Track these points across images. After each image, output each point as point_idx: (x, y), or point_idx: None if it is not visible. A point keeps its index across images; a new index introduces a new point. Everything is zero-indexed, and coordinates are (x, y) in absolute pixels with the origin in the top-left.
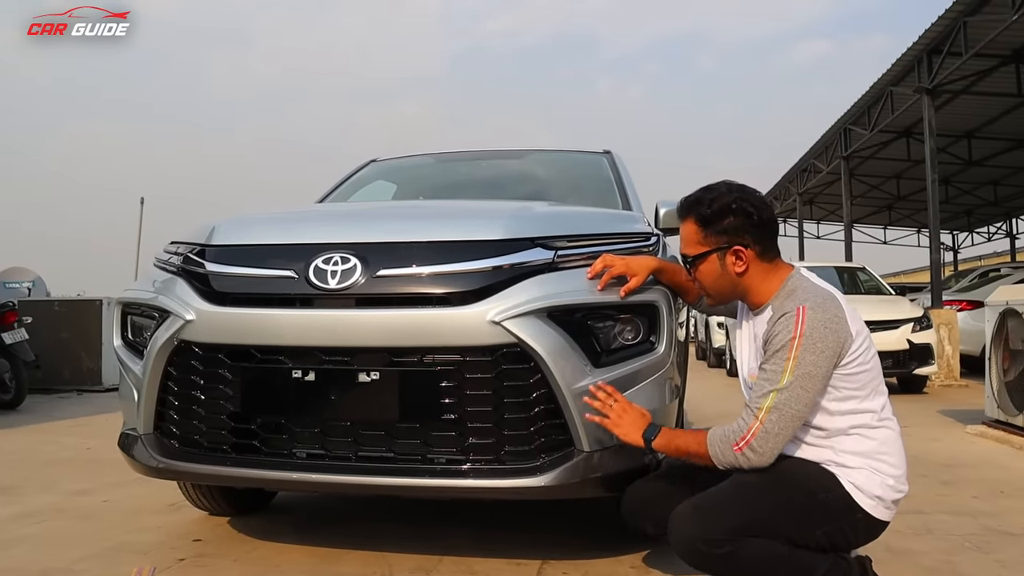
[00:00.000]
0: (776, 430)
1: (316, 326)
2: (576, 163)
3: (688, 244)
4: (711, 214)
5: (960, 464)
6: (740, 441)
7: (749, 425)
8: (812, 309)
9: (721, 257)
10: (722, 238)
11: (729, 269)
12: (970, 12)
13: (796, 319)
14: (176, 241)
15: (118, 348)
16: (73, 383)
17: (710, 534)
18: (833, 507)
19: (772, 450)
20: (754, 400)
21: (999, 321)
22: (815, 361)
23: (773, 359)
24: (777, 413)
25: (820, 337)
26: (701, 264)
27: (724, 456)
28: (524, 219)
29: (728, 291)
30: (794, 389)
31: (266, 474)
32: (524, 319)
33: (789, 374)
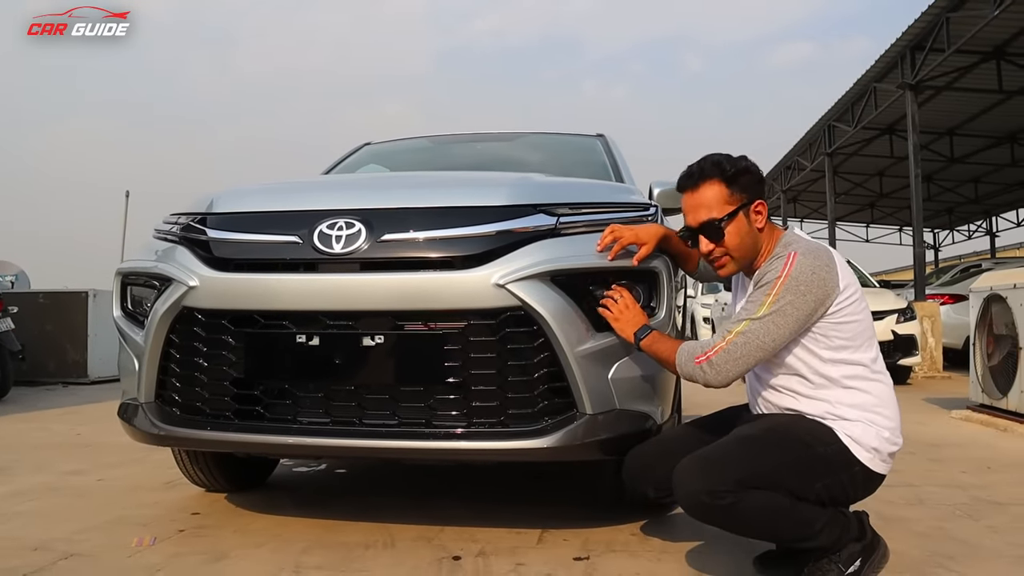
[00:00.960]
0: (738, 353)
1: (320, 290)
2: (570, 145)
3: (713, 207)
4: (735, 172)
5: (947, 444)
6: (703, 355)
7: (716, 343)
8: (803, 255)
9: (747, 213)
10: (745, 195)
11: (753, 225)
12: (952, 8)
13: (785, 261)
14: (176, 212)
15: (118, 319)
16: (58, 375)
17: (714, 486)
18: (832, 460)
19: (728, 372)
20: (729, 324)
21: (983, 307)
22: (793, 302)
23: (756, 293)
24: (743, 338)
25: (805, 281)
26: (730, 224)
27: (685, 366)
28: (527, 186)
29: (751, 249)
30: (766, 322)
31: (269, 439)
32: (528, 282)
33: (766, 307)
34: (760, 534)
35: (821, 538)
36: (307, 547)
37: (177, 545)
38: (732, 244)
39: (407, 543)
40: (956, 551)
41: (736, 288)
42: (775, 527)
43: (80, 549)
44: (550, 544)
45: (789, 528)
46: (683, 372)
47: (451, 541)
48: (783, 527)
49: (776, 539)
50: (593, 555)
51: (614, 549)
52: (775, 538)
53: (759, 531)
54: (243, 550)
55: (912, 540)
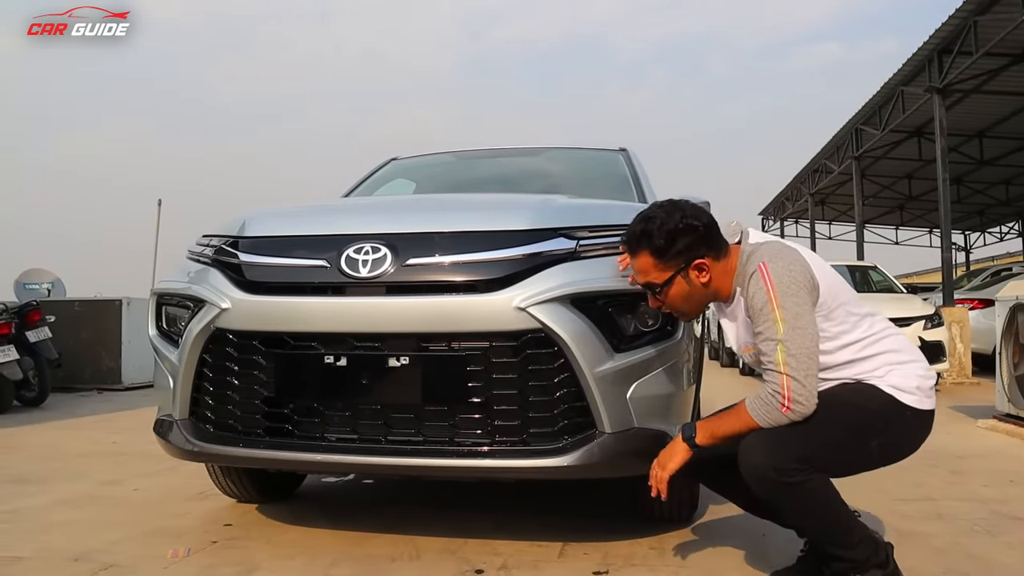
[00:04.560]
0: (803, 375)
1: (348, 313)
2: (592, 160)
3: (648, 274)
4: (664, 243)
5: (971, 455)
6: (784, 400)
7: (780, 384)
8: (770, 261)
9: (686, 276)
10: (680, 259)
11: (695, 283)
12: (980, 12)
13: (762, 277)
14: (208, 234)
15: (153, 337)
16: (93, 382)
17: (780, 462)
18: (883, 413)
19: (811, 393)
20: (767, 363)
21: (1009, 316)
22: (796, 302)
23: (761, 320)
24: (794, 359)
25: (789, 281)
26: (670, 289)
27: (775, 419)
28: (548, 210)
29: (701, 302)
30: (793, 333)
31: (299, 456)
32: (548, 305)
33: (781, 323)
34: (811, 522)
35: (856, 551)
36: (336, 560)
37: (210, 556)
38: (677, 304)
39: (432, 555)
40: (972, 568)
41: (717, 313)
42: (826, 520)
43: (118, 560)
44: (571, 558)
45: (836, 525)
46: (775, 424)
47: (474, 554)
48: (832, 522)
49: (821, 534)
50: (612, 569)
51: (633, 563)
52: (821, 532)
53: (812, 518)
54: (274, 562)
55: (929, 556)
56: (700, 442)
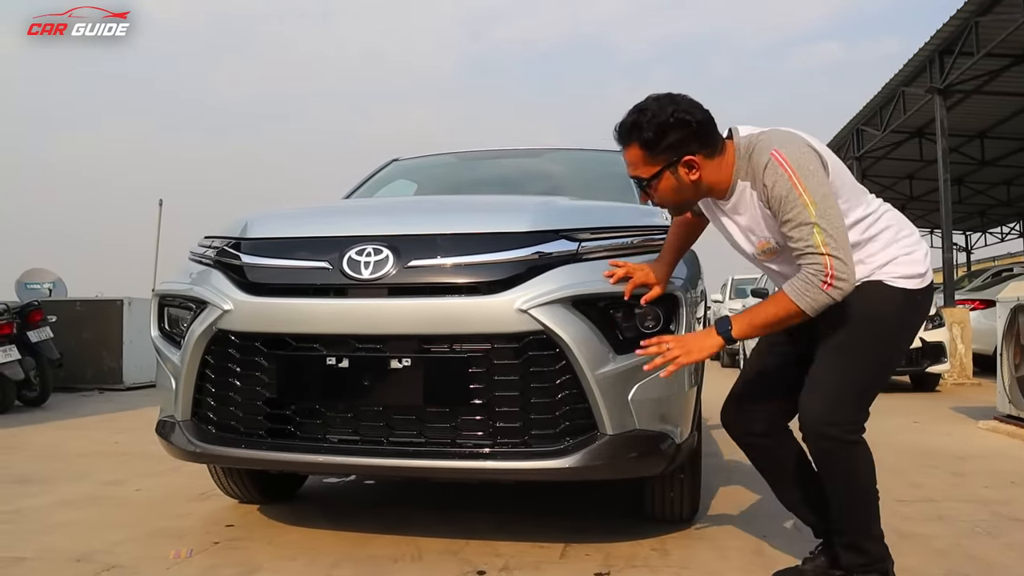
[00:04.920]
0: (843, 252)
1: (350, 315)
2: (595, 161)
3: (637, 167)
4: (653, 136)
5: (972, 456)
6: (826, 279)
7: (822, 263)
8: (781, 147)
9: (674, 172)
10: (669, 154)
11: (684, 180)
12: (981, 12)
13: (780, 164)
14: (210, 236)
15: (155, 339)
16: (95, 382)
17: (838, 418)
18: (902, 315)
19: (851, 271)
20: (805, 246)
21: (1010, 317)
22: (818, 182)
23: (789, 206)
24: (832, 239)
25: (806, 162)
26: (658, 183)
27: (817, 301)
28: (549, 212)
29: (691, 198)
30: (825, 212)
31: (301, 458)
32: (550, 307)
33: (812, 205)
34: (851, 495)
35: (875, 546)
36: (337, 560)
37: (212, 557)
38: (667, 198)
39: (433, 556)
40: (972, 570)
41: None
42: (863, 496)
43: (120, 560)
44: (572, 559)
45: (869, 504)
46: (816, 308)
47: (476, 555)
48: (867, 499)
49: (854, 514)
50: (614, 570)
51: (635, 564)
52: (854, 511)
53: (853, 490)
54: (276, 563)
55: (930, 558)
56: (736, 334)
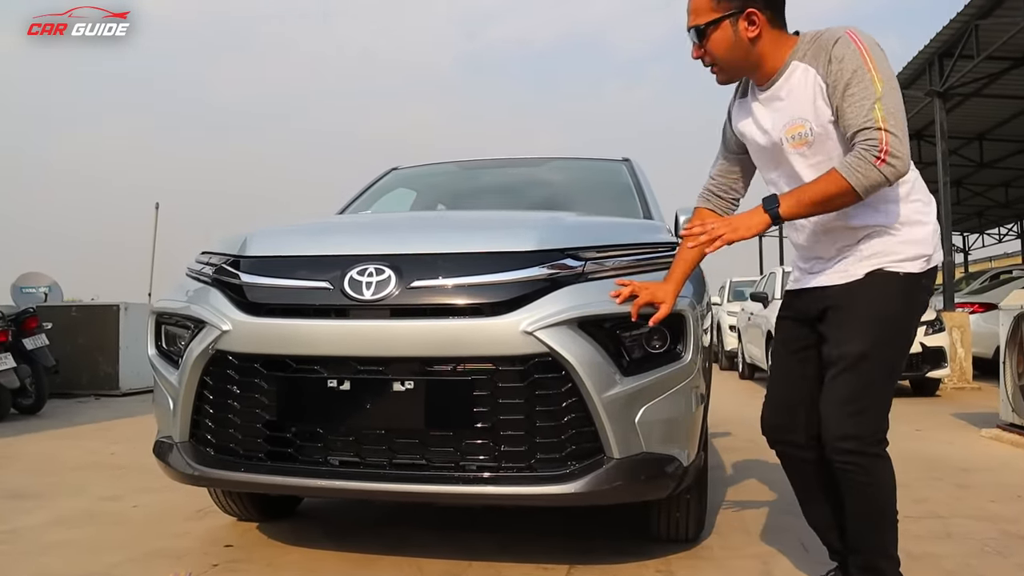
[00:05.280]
0: (901, 132)
1: (351, 336)
2: (596, 171)
3: (698, 14)
4: None
5: (976, 468)
6: (880, 154)
7: (877, 138)
8: (858, 30)
9: (734, 22)
10: (735, 3)
11: (742, 35)
12: (982, 16)
13: (853, 40)
14: (207, 251)
15: (152, 357)
16: (91, 388)
17: (859, 429)
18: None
19: (907, 153)
20: (864, 120)
21: (1014, 324)
22: (887, 67)
23: (856, 80)
24: (892, 117)
25: (879, 49)
26: (714, 32)
27: (868, 177)
28: (553, 230)
29: (741, 60)
30: (890, 92)
31: (302, 482)
32: (555, 329)
33: (879, 83)
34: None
35: (888, 566)
36: None
37: None
38: (717, 53)
39: None
40: None
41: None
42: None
43: None
44: None
45: (889, 519)
46: (867, 186)
47: None
48: (887, 514)
49: (874, 530)
50: None
51: None
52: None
53: (875, 504)
54: None
55: None
56: (784, 212)
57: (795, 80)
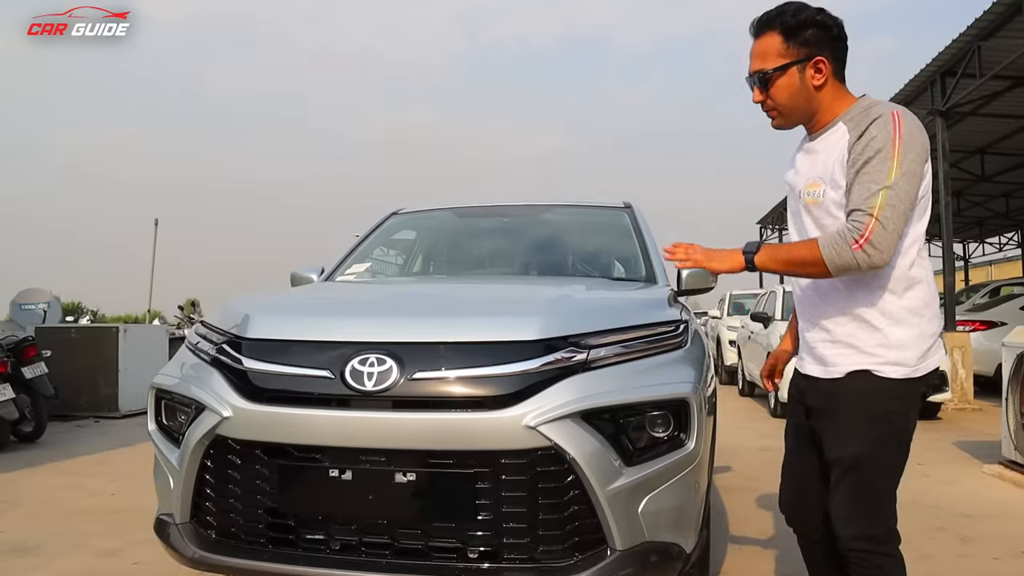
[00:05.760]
0: (892, 227)
1: (353, 427)
2: (597, 220)
3: (766, 58)
4: (796, 24)
5: (979, 515)
6: (859, 239)
7: (865, 223)
8: (904, 114)
9: (801, 70)
10: (804, 50)
11: (808, 82)
12: (984, 37)
13: (893, 121)
14: (207, 324)
15: (152, 432)
16: (90, 410)
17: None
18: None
19: (889, 248)
20: (862, 201)
21: (1016, 363)
22: (915, 159)
23: (875, 160)
24: (891, 209)
25: (917, 139)
26: (780, 77)
27: (841, 257)
28: (557, 316)
29: (803, 107)
30: (901, 185)
31: (304, 570)
32: (559, 423)
33: (895, 172)
34: None
35: None
36: None
37: None
38: (779, 98)
39: None
40: None
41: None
42: None
43: None
44: None
45: None
46: (837, 265)
47: None
48: None
49: None
50: None
51: None
52: None
53: None
54: None
55: None
56: (758, 261)
57: (832, 139)
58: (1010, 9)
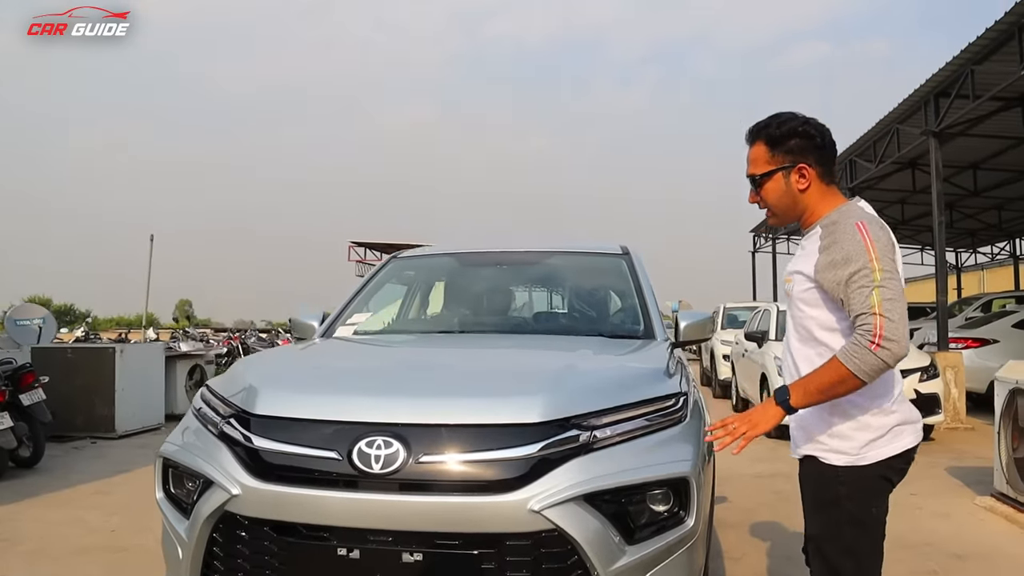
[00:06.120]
0: (897, 316)
1: (361, 508)
2: (596, 268)
3: (756, 164)
4: (779, 135)
5: (971, 554)
6: (874, 339)
7: (871, 324)
8: (867, 222)
9: (786, 175)
10: (788, 157)
11: (793, 187)
12: (977, 61)
13: (860, 232)
14: (213, 391)
15: (160, 501)
16: (87, 430)
17: None
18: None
19: (903, 335)
20: (861, 307)
21: (1008, 398)
22: (888, 258)
23: (860, 273)
24: (889, 302)
25: (883, 238)
26: (767, 182)
27: (866, 363)
28: (560, 396)
29: (790, 208)
30: (888, 282)
31: None
32: (563, 506)
33: (879, 272)
34: None
35: None
36: None
37: None
38: (769, 200)
39: None
40: None
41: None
42: None
43: None
44: None
45: None
46: (867, 371)
47: None
48: None
49: None
50: None
51: None
52: None
53: None
54: None
55: None
56: (794, 403)
57: (810, 240)
58: (1003, 35)
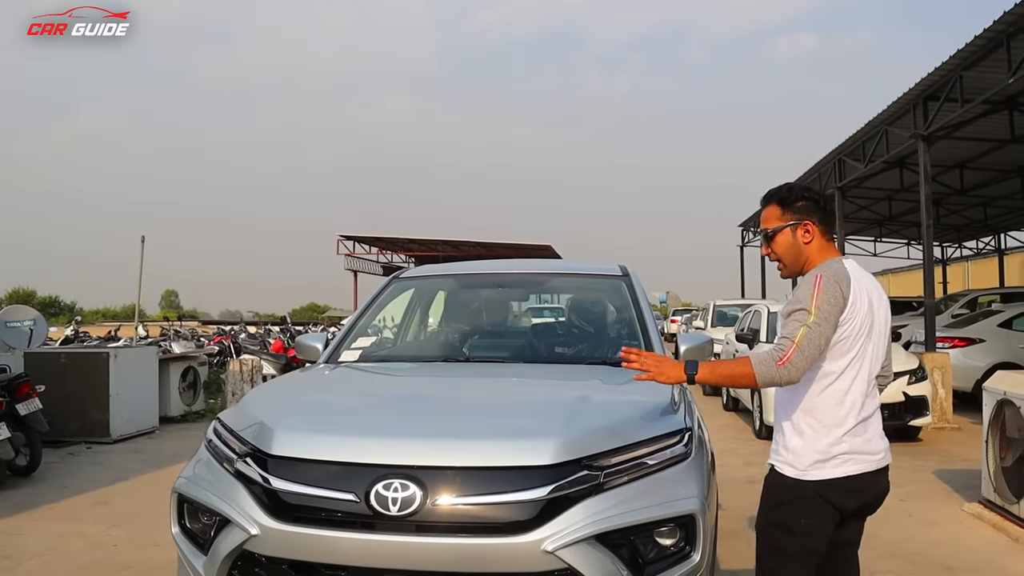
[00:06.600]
0: (807, 351)
1: (378, 549)
2: (596, 291)
3: (769, 221)
4: (790, 198)
5: (961, 567)
6: (783, 358)
7: (788, 348)
8: (827, 278)
9: (794, 230)
10: (796, 216)
11: (799, 240)
12: (966, 67)
13: (815, 285)
14: (226, 425)
15: (176, 535)
16: (81, 435)
17: None
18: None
19: (803, 367)
20: (789, 333)
21: (996, 409)
22: (828, 310)
23: (799, 311)
24: (807, 340)
25: (831, 295)
26: (778, 236)
27: (767, 372)
28: (571, 437)
29: (796, 258)
30: (816, 326)
31: None
32: (575, 546)
33: (814, 315)
34: None
35: None
36: None
37: None
38: (779, 251)
39: None
40: None
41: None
42: None
43: None
44: None
45: None
46: (764, 379)
47: None
48: None
49: None
50: None
51: None
52: None
53: None
54: None
55: None
56: (699, 379)
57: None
58: (991, 43)
